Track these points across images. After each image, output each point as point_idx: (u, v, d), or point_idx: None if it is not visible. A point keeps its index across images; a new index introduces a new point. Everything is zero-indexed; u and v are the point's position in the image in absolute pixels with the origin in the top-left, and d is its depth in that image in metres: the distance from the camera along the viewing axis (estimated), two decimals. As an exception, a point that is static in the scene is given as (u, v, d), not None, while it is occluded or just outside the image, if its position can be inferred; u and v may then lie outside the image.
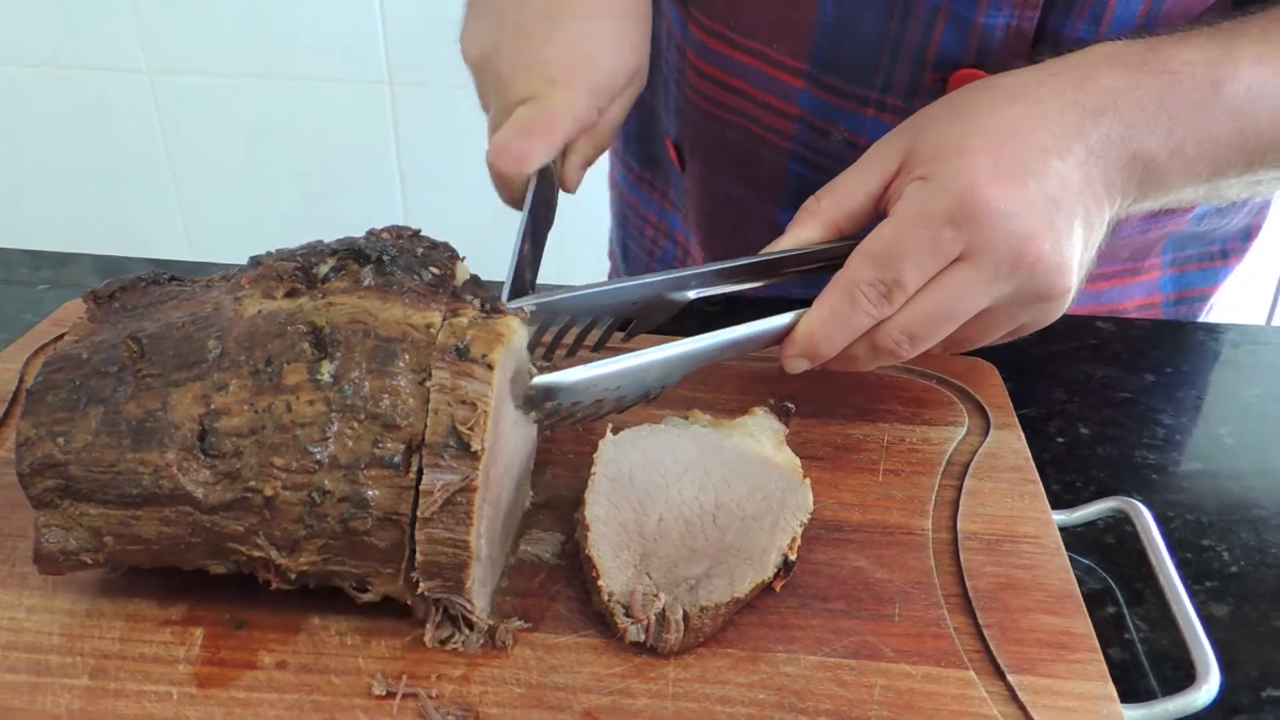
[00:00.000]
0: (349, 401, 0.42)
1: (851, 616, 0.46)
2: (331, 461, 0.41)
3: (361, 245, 0.47)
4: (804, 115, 0.70)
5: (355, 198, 1.82)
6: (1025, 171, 0.49)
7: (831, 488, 0.53)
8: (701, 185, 0.80)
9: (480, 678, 0.42)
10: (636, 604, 0.44)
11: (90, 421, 0.42)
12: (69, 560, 0.44)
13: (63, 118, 1.83)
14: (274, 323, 0.43)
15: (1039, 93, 0.52)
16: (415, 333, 0.43)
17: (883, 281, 0.50)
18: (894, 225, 0.50)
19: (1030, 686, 0.42)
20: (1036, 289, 0.50)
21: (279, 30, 1.71)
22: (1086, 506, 0.54)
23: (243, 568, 0.44)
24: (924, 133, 0.52)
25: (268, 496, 0.41)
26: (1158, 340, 0.74)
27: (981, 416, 0.59)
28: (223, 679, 0.42)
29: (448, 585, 0.42)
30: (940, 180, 0.49)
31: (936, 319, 0.51)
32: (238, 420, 0.42)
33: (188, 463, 0.42)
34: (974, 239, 0.49)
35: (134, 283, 0.48)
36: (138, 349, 0.44)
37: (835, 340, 0.52)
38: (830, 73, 0.67)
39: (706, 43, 0.72)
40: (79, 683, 0.42)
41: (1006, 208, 0.48)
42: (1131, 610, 0.50)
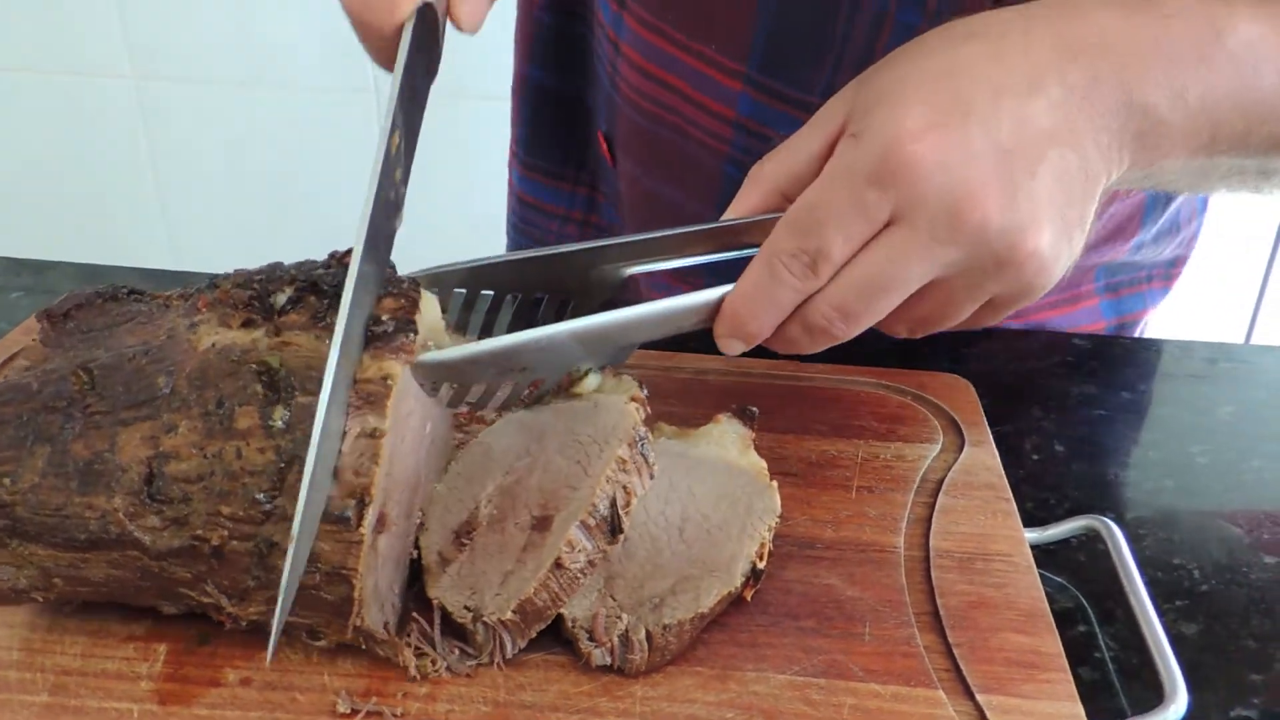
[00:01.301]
0: (300, 452, 0.40)
1: (822, 635, 0.45)
2: (280, 513, 0.40)
3: (319, 277, 0.44)
4: (741, 119, 0.67)
5: (340, 206, 1.80)
6: (966, 115, 0.43)
7: (804, 504, 0.53)
8: (633, 183, 0.76)
9: (446, 696, 0.42)
10: (599, 627, 0.43)
11: (37, 461, 0.41)
12: (18, 597, 0.43)
13: (45, 122, 1.82)
14: (227, 360, 0.42)
15: (1006, 30, 0.46)
16: (372, 386, 0.41)
17: (805, 251, 0.45)
18: (817, 188, 0.45)
19: (999, 706, 0.42)
20: (993, 253, 0.44)
21: (265, 37, 1.71)
22: (1059, 525, 0.54)
23: (195, 610, 0.43)
24: (867, 82, 0.47)
25: (215, 545, 0.40)
26: (1133, 358, 0.74)
27: (956, 433, 0.59)
28: (185, 696, 0.42)
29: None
30: (866, 135, 0.44)
31: (870, 292, 0.46)
32: (186, 465, 0.41)
33: (135, 508, 0.41)
34: (902, 198, 0.43)
35: (91, 299, 0.47)
36: (88, 380, 0.43)
37: (761, 318, 0.47)
38: (770, 75, 0.64)
39: (642, 35, 0.68)
40: (38, 699, 0.41)
41: (937, 159, 0.43)
42: (1103, 629, 0.50)
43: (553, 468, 0.48)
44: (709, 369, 0.65)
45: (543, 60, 0.81)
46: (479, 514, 0.48)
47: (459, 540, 0.47)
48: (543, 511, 0.46)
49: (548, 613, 0.43)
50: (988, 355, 0.73)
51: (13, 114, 1.81)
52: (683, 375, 0.64)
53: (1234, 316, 1.68)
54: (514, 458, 0.50)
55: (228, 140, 1.80)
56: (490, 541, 0.46)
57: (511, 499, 0.48)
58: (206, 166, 1.83)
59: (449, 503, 0.49)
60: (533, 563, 0.44)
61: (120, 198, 1.87)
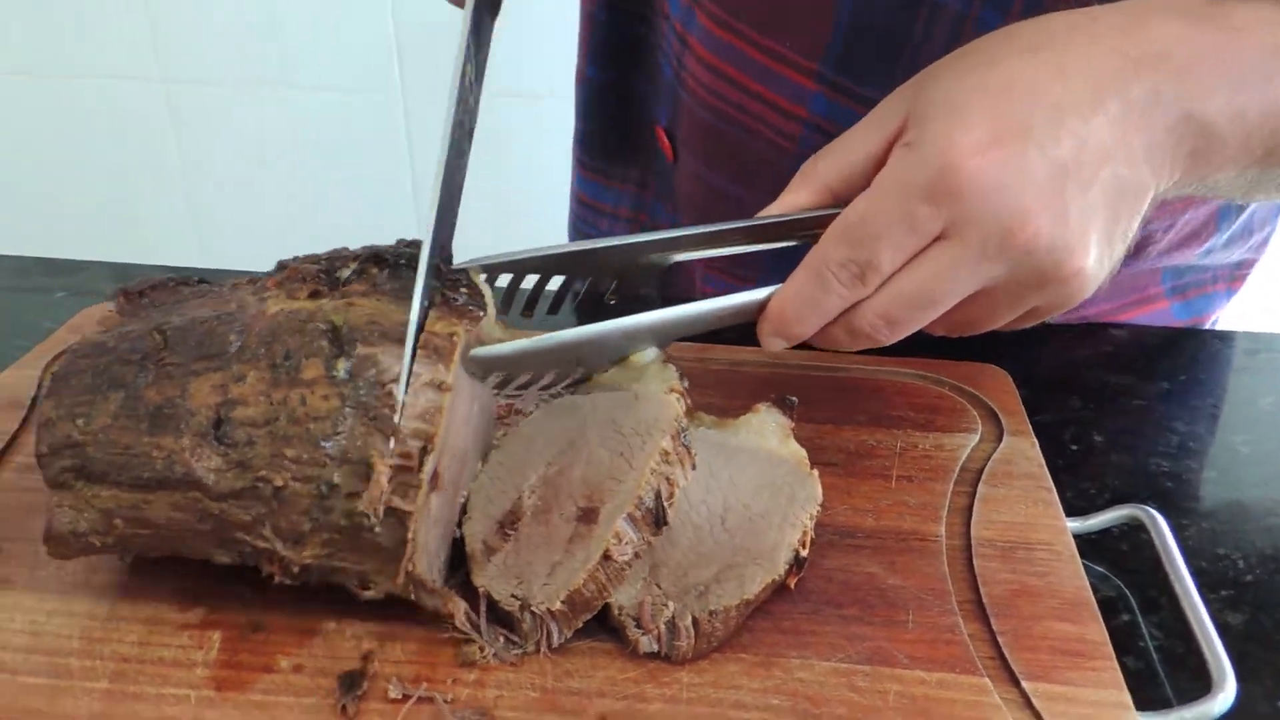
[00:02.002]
0: (363, 399, 0.42)
1: (865, 623, 0.46)
2: (342, 456, 0.42)
3: (382, 251, 0.48)
4: (813, 118, 0.67)
5: (367, 207, 1.83)
6: (1026, 135, 0.43)
7: (844, 494, 0.53)
8: (694, 180, 0.77)
9: (494, 682, 0.43)
10: (646, 614, 0.44)
11: (110, 404, 0.43)
12: (78, 541, 0.44)
13: (77, 125, 1.84)
14: (294, 320, 0.44)
15: (1069, 39, 0.45)
16: (439, 340, 0.44)
17: (854, 262, 0.45)
18: (869, 199, 0.45)
19: (1045, 693, 0.42)
20: (1039, 270, 0.45)
21: (292, 40, 1.72)
22: (1101, 514, 0.54)
23: (247, 559, 0.44)
24: (925, 88, 0.47)
25: (277, 487, 0.42)
26: (1172, 348, 0.74)
27: (995, 423, 0.59)
28: (240, 682, 0.42)
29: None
30: (922, 147, 0.44)
31: (916, 303, 0.46)
32: (253, 410, 0.42)
33: (200, 449, 0.42)
34: (955, 216, 0.44)
35: (164, 282, 0.50)
36: (162, 340, 0.45)
37: (806, 322, 0.48)
38: (845, 74, 0.65)
39: (713, 31, 0.68)
40: (99, 686, 0.42)
41: (994, 179, 0.43)
42: (1146, 618, 0.50)
43: (596, 460, 0.48)
44: (745, 360, 0.65)
45: (597, 57, 0.82)
46: (522, 504, 0.48)
47: (503, 530, 0.48)
48: (588, 503, 0.46)
49: (595, 603, 0.44)
50: (1024, 346, 0.73)
51: (46, 118, 1.84)
52: (719, 367, 0.64)
53: (1275, 306, 1.66)
54: (555, 449, 0.51)
55: (254, 141, 1.82)
56: (535, 532, 0.47)
57: (555, 490, 0.48)
58: (234, 167, 1.85)
59: (491, 493, 0.50)
60: (580, 554, 0.44)
61: (150, 198, 1.90)
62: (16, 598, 0.46)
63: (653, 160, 0.82)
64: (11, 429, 0.57)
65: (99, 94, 1.81)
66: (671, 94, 0.75)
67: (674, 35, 0.72)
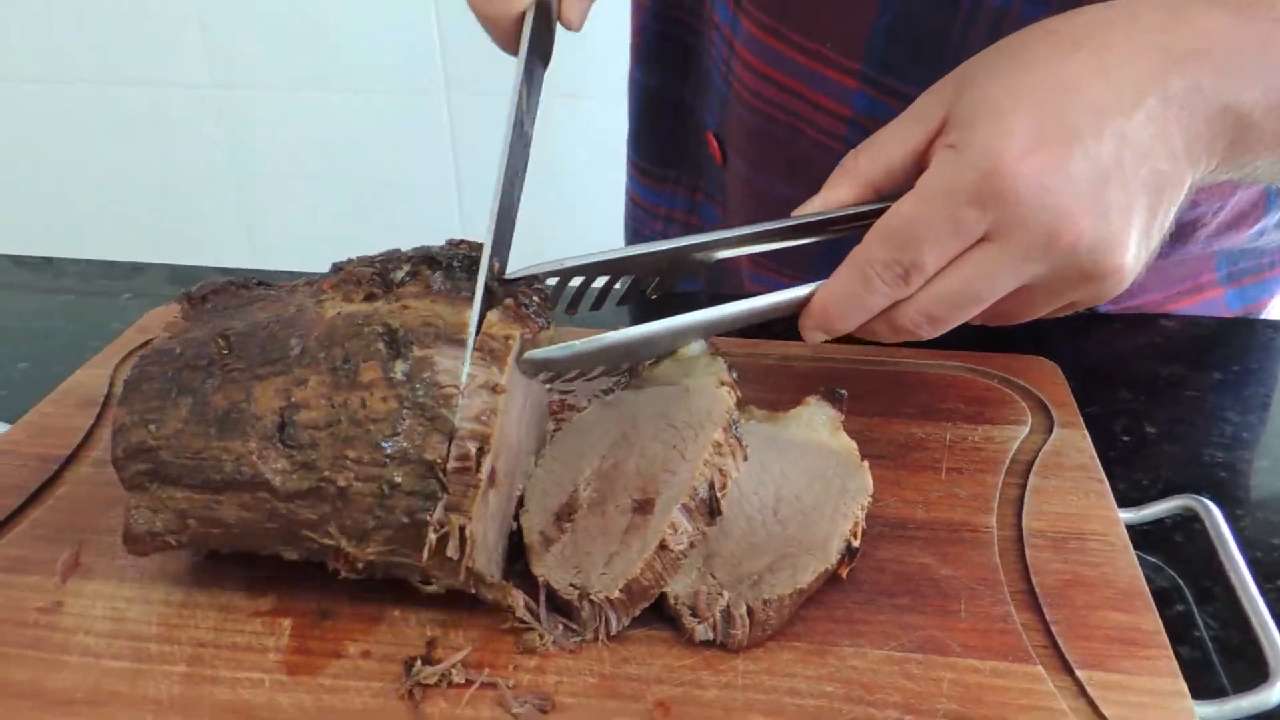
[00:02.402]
0: (420, 399, 0.43)
1: (917, 612, 0.46)
2: (402, 456, 0.43)
3: (435, 252, 0.49)
4: (857, 117, 0.68)
5: (413, 207, 1.85)
6: (1070, 137, 0.44)
7: (894, 485, 0.54)
8: (743, 182, 0.78)
9: (554, 668, 0.44)
10: (702, 603, 0.45)
11: (180, 410, 0.45)
12: (155, 541, 0.46)
13: (130, 131, 1.89)
14: (352, 324, 0.46)
15: (1110, 37, 0.45)
16: (495, 343, 0.45)
17: (898, 262, 0.46)
18: (914, 201, 0.46)
19: (1100, 682, 0.42)
20: (1080, 269, 0.46)
21: (337, 44, 1.75)
22: (1154, 504, 0.54)
23: (314, 555, 0.46)
24: (967, 87, 0.47)
25: (340, 487, 0.43)
26: (1223, 338, 0.73)
27: (1045, 415, 0.59)
28: (311, 667, 0.44)
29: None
30: (968, 151, 0.45)
31: (958, 302, 0.47)
32: (315, 414, 0.44)
33: (267, 451, 0.44)
34: (1000, 218, 0.44)
35: (225, 286, 0.51)
36: (226, 345, 0.46)
37: (849, 318, 0.49)
38: (887, 73, 0.65)
39: (757, 36, 0.69)
40: (178, 669, 0.44)
41: (1039, 183, 0.43)
42: (1201, 608, 0.50)
43: (649, 452, 0.49)
44: (794, 355, 0.66)
45: (647, 63, 0.83)
46: (579, 497, 0.50)
47: (559, 521, 0.49)
48: (643, 495, 0.47)
49: (652, 591, 0.45)
50: (1073, 338, 0.73)
51: (102, 125, 1.89)
52: (768, 361, 0.65)
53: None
54: (608, 443, 0.52)
55: (303, 144, 1.86)
56: (592, 523, 0.48)
57: (610, 483, 0.49)
58: (283, 169, 1.89)
59: (547, 485, 0.51)
60: (637, 544, 0.45)
61: (202, 202, 1.94)
62: (98, 586, 0.48)
63: (703, 164, 0.83)
64: (87, 425, 0.59)
65: (153, 102, 1.85)
66: (720, 99, 0.76)
67: (722, 41, 0.74)
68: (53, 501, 0.54)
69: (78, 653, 0.45)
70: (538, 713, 0.42)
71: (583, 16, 0.54)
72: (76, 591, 0.48)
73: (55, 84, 1.87)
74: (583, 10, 0.54)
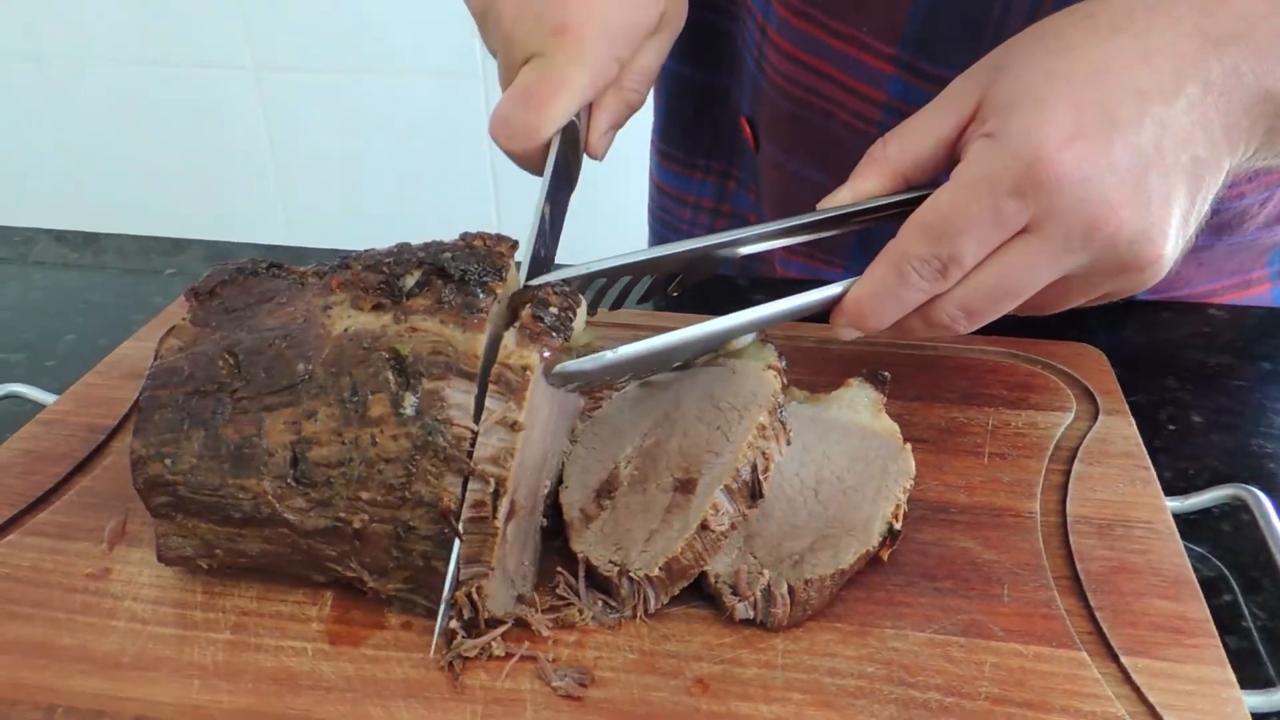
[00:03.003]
0: (430, 438, 0.42)
1: (959, 596, 0.46)
2: (416, 499, 0.42)
3: (444, 261, 0.46)
4: (891, 101, 0.67)
5: (449, 188, 1.86)
6: (1111, 125, 0.43)
7: (936, 470, 0.54)
8: (776, 167, 0.77)
9: (594, 644, 0.44)
10: (742, 582, 0.45)
11: (194, 444, 0.44)
12: (187, 563, 0.46)
13: (174, 112, 1.91)
14: (359, 346, 0.44)
15: (1150, 20, 0.44)
16: (512, 375, 0.43)
17: (937, 257, 0.45)
18: (952, 192, 0.45)
19: (1145, 669, 0.42)
20: (1119, 259, 0.45)
21: (377, 27, 1.76)
22: (1202, 493, 0.53)
23: (341, 581, 0.46)
24: (1003, 73, 0.46)
25: (356, 528, 0.43)
26: (1273, 328, 0.72)
27: (1090, 402, 0.59)
28: (353, 637, 0.44)
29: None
30: (1008, 140, 0.44)
31: (997, 295, 0.46)
32: (327, 451, 0.43)
33: (283, 490, 0.43)
34: (1041, 209, 0.43)
35: (233, 275, 0.49)
36: (234, 364, 0.45)
37: (885, 314, 0.48)
38: (923, 57, 0.64)
39: (791, 21, 0.68)
40: (222, 637, 0.44)
41: (1081, 173, 0.42)
42: (1248, 598, 0.49)
43: (693, 432, 0.49)
44: (833, 338, 0.64)
45: (682, 53, 0.82)
46: (619, 474, 0.50)
47: (600, 499, 0.49)
48: (685, 475, 0.47)
49: (692, 571, 0.45)
50: (1118, 325, 0.72)
51: (146, 105, 1.91)
52: (808, 345, 0.65)
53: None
54: (651, 422, 0.52)
55: (341, 126, 1.87)
56: (633, 501, 0.48)
57: (652, 461, 0.49)
58: (322, 151, 1.90)
59: (587, 463, 0.51)
60: (678, 523, 0.45)
61: (242, 181, 1.96)
62: (144, 553, 0.49)
63: (737, 151, 0.82)
64: (133, 397, 0.60)
65: (196, 83, 1.87)
66: (753, 84, 0.75)
67: (755, 26, 0.73)
68: (100, 470, 0.54)
69: (125, 618, 0.45)
70: (577, 686, 0.42)
71: (608, 147, 0.54)
72: (124, 559, 0.49)
73: (101, 63, 1.89)
74: (609, 141, 0.54)
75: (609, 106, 0.53)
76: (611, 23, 0.50)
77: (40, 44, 1.90)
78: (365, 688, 0.42)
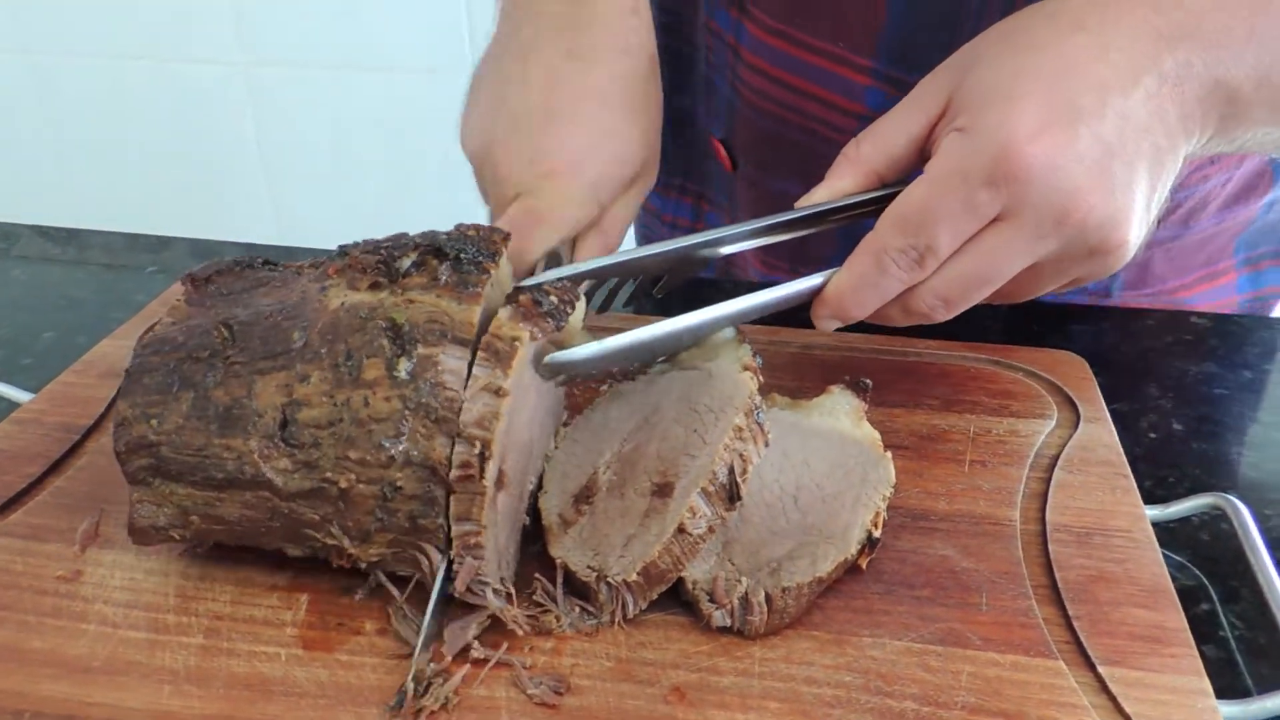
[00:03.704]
0: (424, 400, 0.42)
1: (938, 604, 0.46)
2: (404, 458, 0.42)
3: (441, 242, 0.47)
4: (870, 113, 0.67)
5: (438, 187, 1.85)
6: (1076, 117, 0.45)
7: (916, 477, 0.53)
8: (754, 185, 0.78)
9: (571, 650, 0.44)
10: (720, 589, 0.44)
11: (182, 405, 0.44)
12: (159, 534, 0.46)
13: (160, 106, 1.90)
14: (355, 316, 0.44)
15: (1105, 18, 0.47)
16: (501, 344, 0.44)
17: (914, 247, 0.47)
18: (926, 185, 0.47)
19: (1122, 679, 0.42)
20: (1088, 244, 0.47)
21: (366, 22, 1.75)
22: (1181, 502, 0.53)
23: (318, 553, 0.46)
24: (971, 71, 0.48)
25: (342, 488, 0.43)
26: (1255, 337, 0.72)
27: (1071, 410, 0.59)
28: (327, 642, 0.44)
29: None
30: (979, 134, 0.46)
31: (973, 283, 0.48)
32: (317, 412, 0.43)
33: (269, 450, 0.43)
34: (1014, 199, 0.45)
35: (230, 266, 0.50)
36: (228, 334, 0.45)
37: (865, 304, 0.50)
38: (899, 67, 0.65)
39: (766, 40, 0.70)
40: (194, 641, 0.44)
41: (1050, 162, 0.44)
42: (1226, 608, 0.49)
43: (670, 436, 0.49)
44: (816, 343, 0.65)
45: None
46: (598, 479, 0.49)
47: (578, 504, 0.49)
48: (662, 479, 0.47)
49: (669, 575, 0.45)
50: (1100, 333, 0.72)
51: (133, 100, 1.90)
52: (790, 350, 0.65)
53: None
54: (630, 426, 0.51)
55: (331, 122, 1.86)
56: (611, 506, 0.48)
57: (630, 466, 0.49)
58: (311, 147, 1.89)
59: (567, 468, 0.51)
60: (655, 527, 0.45)
61: (231, 178, 1.95)
62: (116, 556, 0.48)
63: (708, 172, 0.83)
64: (109, 396, 0.59)
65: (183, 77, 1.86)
66: (727, 105, 0.76)
67: (725, 48, 0.73)
68: (74, 471, 0.54)
69: (96, 622, 0.45)
70: (552, 694, 0.41)
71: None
72: (96, 561, 0.48)
73: (86, 58, 1.88)
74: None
75: (589, 247, 0.56)
76: (596, 171, 0.55)
77: (27, 37, 1.88)
78: (339, 694, 0.42)
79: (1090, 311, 0.74)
